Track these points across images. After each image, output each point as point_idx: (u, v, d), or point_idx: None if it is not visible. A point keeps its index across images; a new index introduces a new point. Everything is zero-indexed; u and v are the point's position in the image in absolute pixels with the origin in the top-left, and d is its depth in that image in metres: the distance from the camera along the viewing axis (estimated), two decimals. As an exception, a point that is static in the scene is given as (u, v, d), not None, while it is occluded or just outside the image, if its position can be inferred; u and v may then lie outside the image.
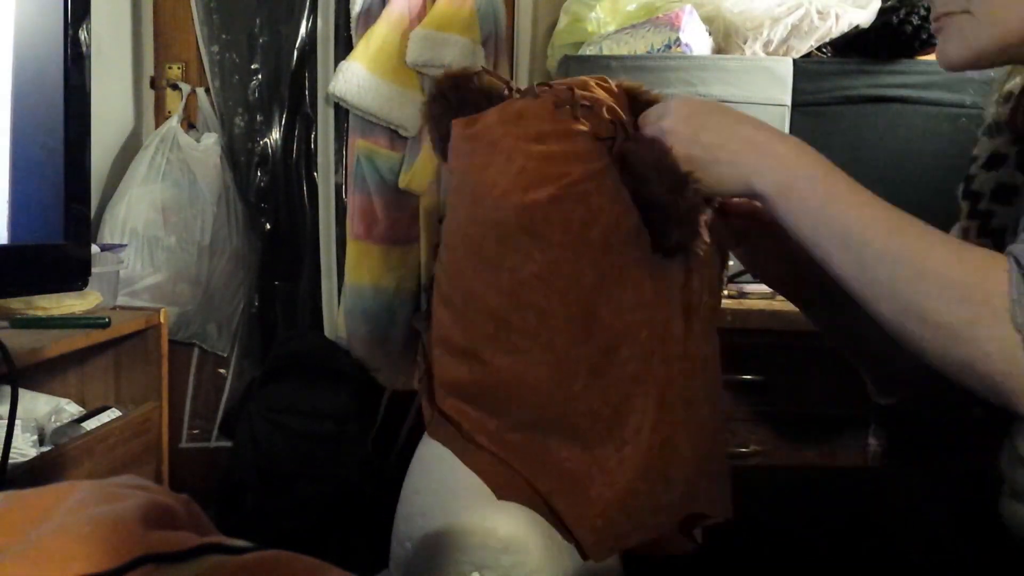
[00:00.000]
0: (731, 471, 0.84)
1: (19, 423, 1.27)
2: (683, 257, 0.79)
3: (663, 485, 0.77)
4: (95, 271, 1.29)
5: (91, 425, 1.41)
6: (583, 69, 1.42)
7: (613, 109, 0.77)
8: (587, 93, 0.78)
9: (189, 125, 1.96)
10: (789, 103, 1.41)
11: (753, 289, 1.30)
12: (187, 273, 1.82)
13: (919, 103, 1.42)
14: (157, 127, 1.93)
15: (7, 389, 1.02)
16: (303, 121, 2.00)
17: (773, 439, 1.24)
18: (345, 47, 1.92)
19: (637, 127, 0.80)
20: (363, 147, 1.87)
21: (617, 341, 0.76)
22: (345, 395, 1.78)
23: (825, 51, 1.50)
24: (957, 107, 1.41)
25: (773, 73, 1.41)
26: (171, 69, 1.99)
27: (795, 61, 1.42)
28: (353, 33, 1.88)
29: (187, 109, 1.96)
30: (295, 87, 1.99)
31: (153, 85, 2.00)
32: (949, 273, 0.57)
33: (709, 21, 1.47)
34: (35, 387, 1.49)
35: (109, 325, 1.38)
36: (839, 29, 1.42)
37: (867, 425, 1.25)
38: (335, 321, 1.95)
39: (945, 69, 0.72)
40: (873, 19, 1.43)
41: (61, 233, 0.92)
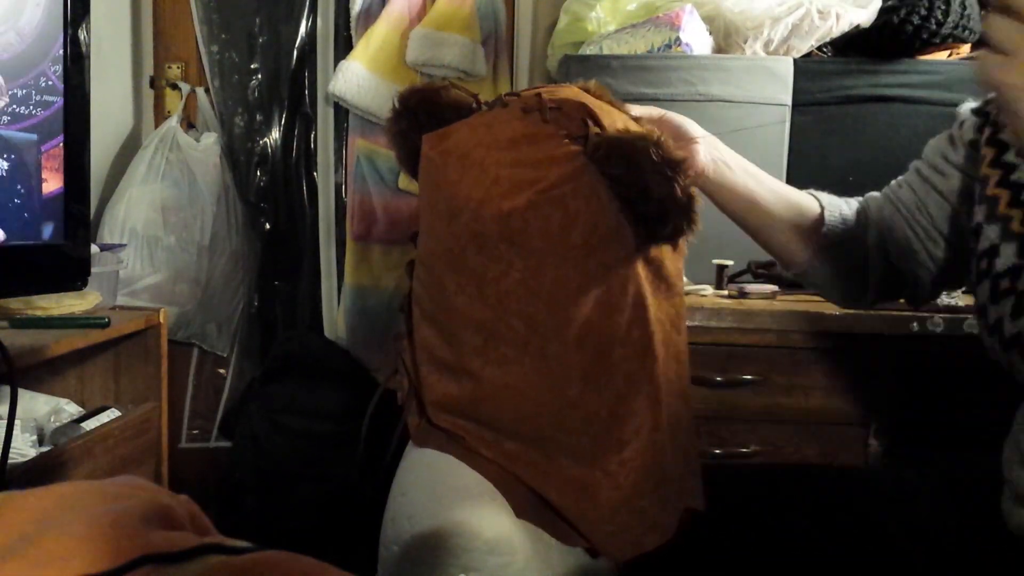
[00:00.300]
0: (731, 470, 0.84)
1: (18, 423, 1.26)
2: (660, 249, 0.79)
3: (664, 482, 0.77)
4: (95, 271, 1.29)
5: (91, 425, 1.41)
6: (583, 69, 1.42)
7: (581, 106, 0.76)
8: (555, 96, 0.77)
9: (189, 125, 1.96)
10: (789, 103, 1.41)
11: (753, 289, 1.30)
12: (187, 273, 1.82)
13: (919, 103, 1.42)
14: (157, 127, 1.92)
15: (6, 389, 1.01)
16: (303, 121, 2.00)
17: (773, 439, 1.24)
18: (345, 47, 1.92)
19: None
20: (363, 147, 1.87)
21: (609, 344, 0.75)
22: (345, 395, 1.77)
23: (826, 51, 1.50)
24: (957, 107, 1.41)
25: (773, 73, 1.41)
26: (171, 69, 1.99)
27: (796, 61, 1.42)
28: (353, 33, 1.88)
29: (187, 109, 1.96)
30: (295, 87, 1.99)
31: (153, 85, 2.00)
32: None
33: (709, 20, 1.47)
34: (35, 387, 1.49)
35: (109, 325, 1.38)
36: (840, 29, 1.42)
37: (867, 425, 1.24)
38: (335, 321, 1.94)
39: None
40: (874, 19, 1.43)
41: (61, 233, 0.92)
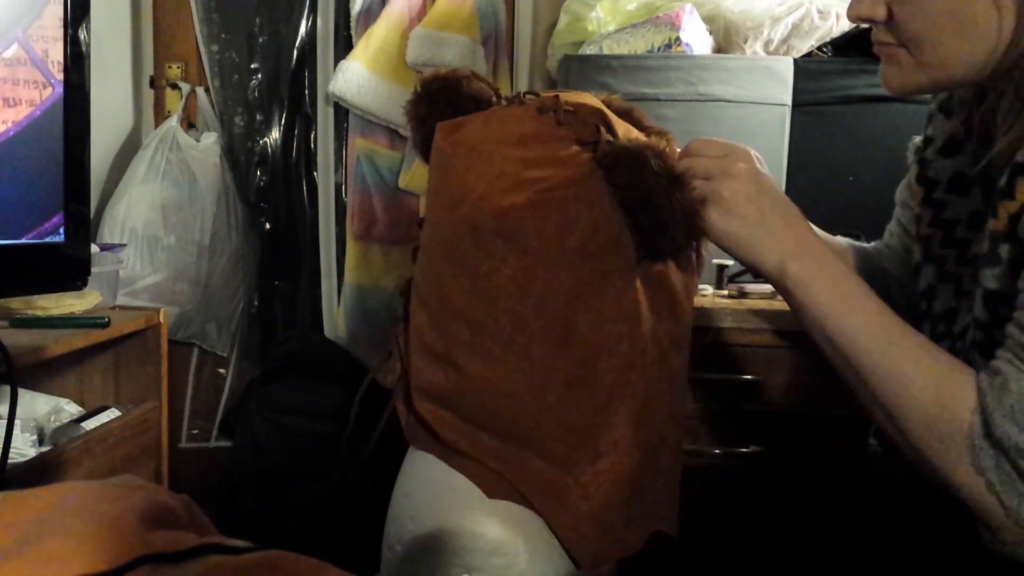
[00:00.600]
0: (731, 470, 0.84)
1: (18, 423, 1.27)
2: (667, 266, 0.78)
3: (637, 499, 0.76)
4: (95, 271, 1.29)
5: (90, 425, 1.41)
6: (583, 69, 1.42)
7: (597, 112, 0.76)
8: (573, 99, 0.77)
9: (189, 125, 1.96)
10: (789, 103, 1.41)
11: (753, 289, 1.30)
12: (187, 273, 1.82)
13: (919, 103, 1.41)
14: (157, 127, 1.92)
15: (6, 389, 1.01)
16: (303, 121, 2.00)
17: (773, 439, 1.24)
18: (345, 47, 1.92)
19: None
20: (363, 147, 1.87)
21: (595, 353, 0.74)
22: (345, 395, 1.77)
23: (826, 50, 1.50)
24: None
25: (774, 72, 1.41)
26: (171, 68, 1.99)
27: (796, 60, 1.42)
28: (353, 32, 1.88)
29: (187, 109, 1.96)
30: (295, 87, 1.99)
31: (153, 84, 2.00)
32: (924, 404, 0.61)
33: (709, 20, 1.47)
34: (34, 387, 1.49)
35: (109, 325, 1.38)
36: (840, 28, 1.42)
37: (867, 425, 1.24)
38: (335, 321, 1.95)
39: (888, 91, 0.73)
40: (873, 19, 1.43)
41: (61, 233, 0.92)
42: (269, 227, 2.03)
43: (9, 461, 0.99)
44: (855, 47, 1.47)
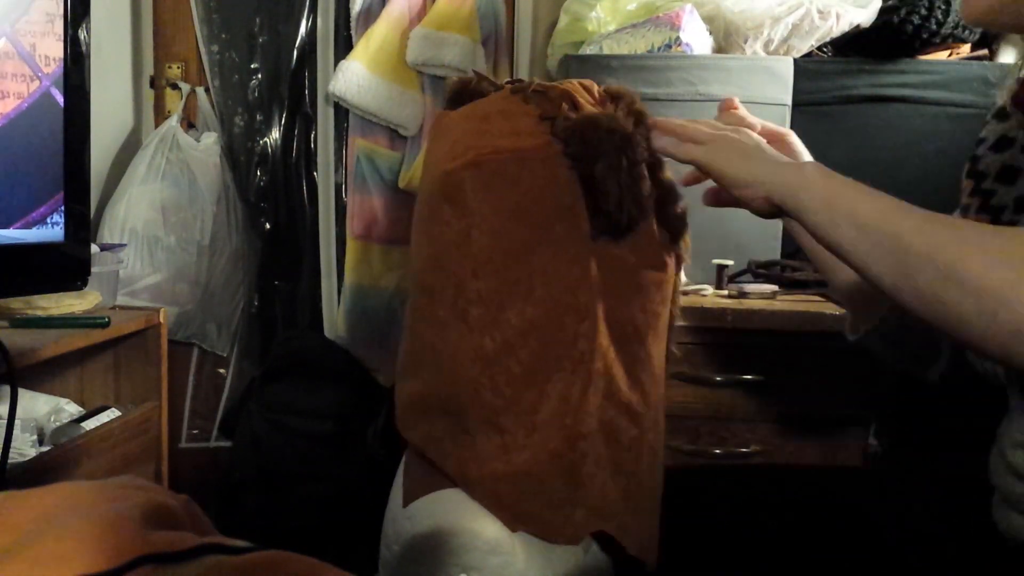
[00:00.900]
0: (732, 470, 0.84)
1: (18, 423, 1.26)
2: (634, 255, 0.78)
3: (566, 483, 0.76)
4: (94, 271, 1.29)
5: (91, 425, 1.40)
6: (583, 69, 1.42)
7: (565, 93, 0.78)
8: (546, 83, 0.81)
9: (189, 125, 1.96)
10: (789, 103, 1.41)
11: (753, 289, 1.30)
12: (187, 273, 1.82)
13: (919, 103, 1.42)
14: (157, 127, 1.92)
15: (6, 389, 1.01)
16: (303, 121, 2.00)
17: (773, 439, 1.24)
18: (345, 46, 1.92)
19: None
20: (363, 147, 1.87)
21: (532, 322, 0.75)
22: (345, 395, 1.77)
23: (826, 50, 1.50)
24: (957, 107, 1.41)
25: (774, 72, 1.41)
26: (171, 68, 1.99)
27: (796, 60, 1.42)
28: (353, 32, 1.88)
29: (187, 109, 1.96)
30: (295, 87, 1.99)
31: (153, 84, 2.00)
32: (989, 241, 0.58)
33: (709, 20, 1.47)
34: (34, 387, 1.49)
35: (109, 325, 1.38)
36: (840, 28, 1.42)
37: (867, 425, 1.24)
38: (335, 321, 1.94)
39: (966, 20, 0.73)
40: (874, 18, 1.43)
41: (61, 233, 0.92)
42: (269, 227, 2.03)
43: (9, 461, 0.99)
44: (855, 47, 1.47)
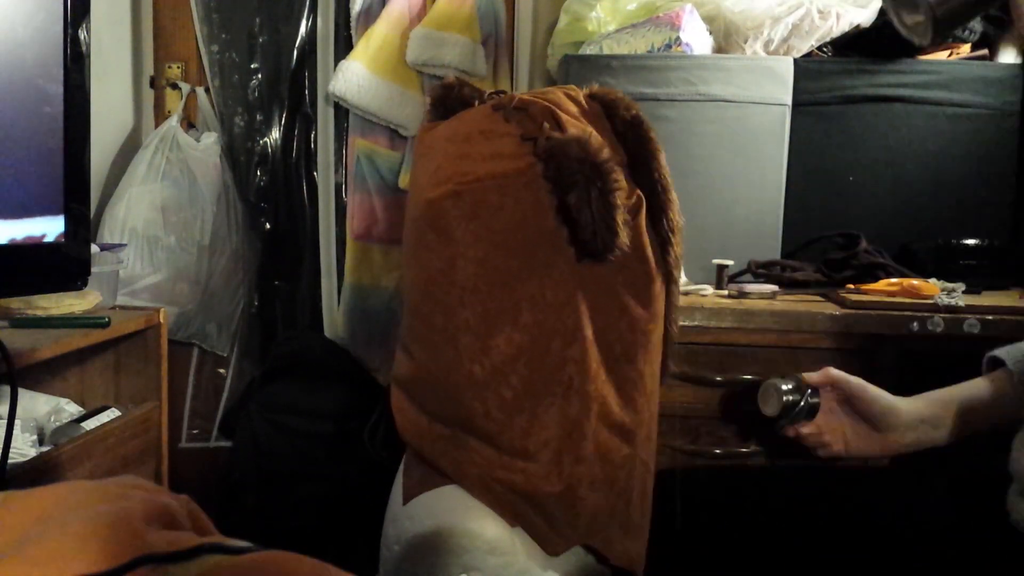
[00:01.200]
0: (732, 470, 0.84)
1: (18, 423, 1.26)
2: (619, 271, 0.78)
3: (561, 507, 0.76)
4: (95, 271, 1.29)
5: (91, 425, 1.40)
6: (583, 69, 1.42)
7: (547, 110, 0.77)
8: (527, 97, 0.79)
9: (189, 125, 1.96)
10: (790, 103, 1.41)
11: (753, 289, 1.30)
12: (187, 273, 1.82)
13: (919, 103, 1.42)
14: (157, 126, 1.92)
15: (6, 389, 1.01)
16: (303, 121, 2.00)
17: (773, 439, 1.24)
18: (345, 46, 1.92)
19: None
20: (363, 147, 1.87)
21: (521, 348, 0.75)
22: (345, 395, 1.77)
23: (826, 50, 1.50)
24: (957, 107, 1.41)
25: (774, 72, 1.41)
26: (171, 68, 1.99)
27: (796, 60, 1.42)
28: (353, 32, 1.88)
29: (187, 108, 1.96)
30: (295, 87, 1.99)
31: (153, 84, 2.00)
32: None
33: (710, 20, 1.47)
34: (34, 387, 1.49)
35: (109, 325, 1.38)
36: (840, 28, 1.42)
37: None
38: (335, 321, 1.94)
39: None
40: (874, 18, 1.43)
41: (61, 233, 0.92)
42: (269, 227, 2.03)
43: (9, 461, 0.99)
44: (855, 47, 1.47)
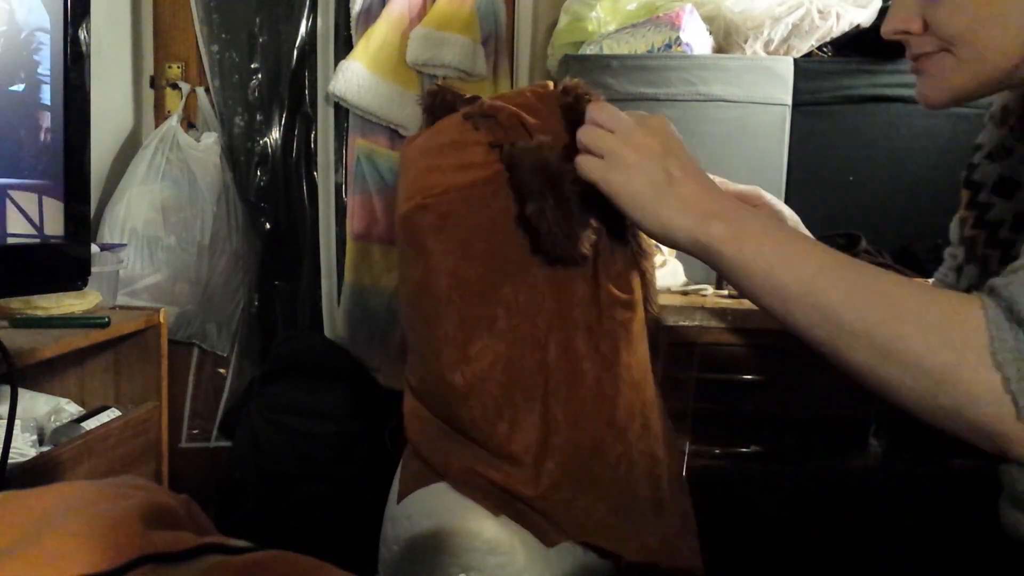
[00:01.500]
0: (732, 471, 0.84)
1: (19, 423, 1.27)
2: (587, 272, 0.78)
3: (545, 510, 0.76)
4: (95, 271, 1.29)
5: (91, 425, 1.41)
6: (583, 69, 1.42)
7: (515, 115, 0.77)
8: (495, 102, 0.79)
9: (189, 124, 1.96)
10: (790, 102, 1.41)
11: (753, 289, 1.30)
12: (187, 273, 1.82)
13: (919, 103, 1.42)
14: (157, 126, 1.92)
15: (7, 389, 1.01)
16: (303, 121, 2.00)
17: (773, 439, 1.24)
18: (345, 46, 1.92)
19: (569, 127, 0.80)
20: (363, 147, 1.87)
21: (500, 354, 0.75)
22: (345, 395, 1.77)
23: (826, 50, 1.50)
24: (957, 107, 1.41)
25: (774, 72, 1.41)
26: (171, 68, 1.99)
27: (796, 60, 1.42)
28: (353, 32, 1.88)
29: (187, 108, 1.96)
30: (295, 87, 1.99)
31: (153, 84, 2.00)
32: (927, 315, 0.55)
33: (710, 20, 1.47)
34: (35, 387, 1.49)
35: (109, 325, 1.38)
36: (840, 28, 1.42)
37: (868, 425, 1.24)
38: (335, 321, 1.94)
39: (925, 107, 0.71)
40: (874, 18, 1.43)
41: (61, 233, 0.92)
42: (269, 227, 2.03)
43: (9, 461, 0.99)
44: (855, 47, 1.47)
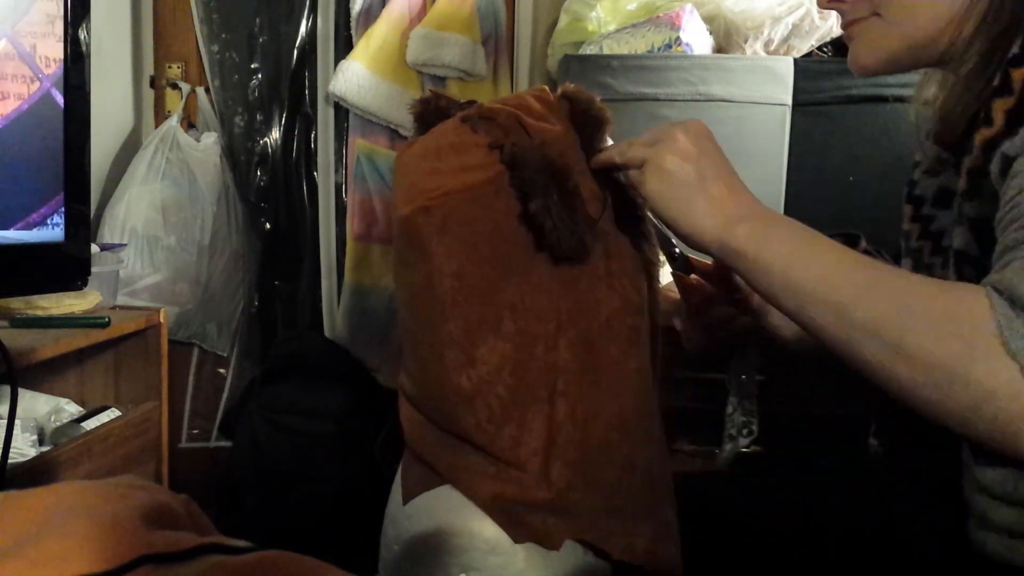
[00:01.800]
0: (730, 471, 0.84)
1: (19, 423, 1.26)
2: (599, 273, 0.77)
3: (553, 511, 0.76)
4: (95, 271, 1.29)
5: (91, 425, 1.41)
6: (583, 69, 1.42)
7: (513, 116, 0.77)
8: (494, 105, 0.79)
9: (189, 125, 1.96)
10: (790, 102, 1.41)
11: (753, 289, 1.30)
12: (187, 273, 1.82)
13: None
14: (157, 126, 1.92)
15: (7, 389, 1.01)
16: (303, 121, 2.00)
17: (773, 439, 1.24)
18: (345, 46, 1.92)
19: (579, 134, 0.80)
20: (363, 147, 1.87)
21: (506, 357, 0.75)
22: (345, 395, 1.77)
23: (826, 50, 1.50)
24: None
25: (774, 72, 1.41)
26: (171, 68, 1.99)
27: (796, 60, 1.42)
28: (353, 32, 1.88)
29: (187, 108, 1.96)
30: (295, 87, 1.99)
31: (153, 84, 2.00)
32: (934, 307, 0.54)
33: (710, 20, 1.47)
34: (35, 387, 1.49)
35: (109, 325, 1.38)
36: (840, 28, 1.42)
37: (867, 425, 1.24)
38: (335, 321, 1.94)
39: (858, 74, 0.74)
40: (873, 19, 1.43)
41: (61, 233, 0.92)
42: (269, 227, 2.03)
43: (9, 461, 0.99)
44: (855, 47, 1.47)
